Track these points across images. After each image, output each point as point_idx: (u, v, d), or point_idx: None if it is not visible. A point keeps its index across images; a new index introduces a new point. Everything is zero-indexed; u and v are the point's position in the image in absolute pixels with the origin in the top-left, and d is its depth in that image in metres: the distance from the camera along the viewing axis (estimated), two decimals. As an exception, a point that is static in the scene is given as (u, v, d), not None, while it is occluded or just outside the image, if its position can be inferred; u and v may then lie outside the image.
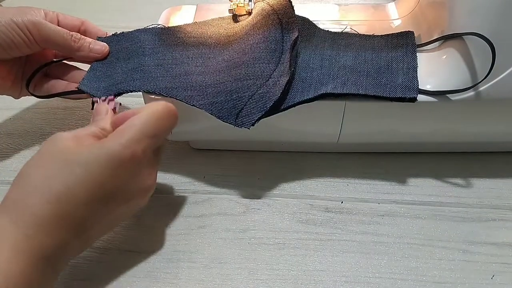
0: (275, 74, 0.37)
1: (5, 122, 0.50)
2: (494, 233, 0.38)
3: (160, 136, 0.34)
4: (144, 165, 0.33)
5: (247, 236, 0.38)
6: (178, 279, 0.35)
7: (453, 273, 0.35)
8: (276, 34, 0.39)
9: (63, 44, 0.40)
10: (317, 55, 0.40)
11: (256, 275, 0.36)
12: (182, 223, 0.39)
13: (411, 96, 0.36)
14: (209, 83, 0.38)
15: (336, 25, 0.45)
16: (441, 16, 0.39)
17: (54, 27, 0.39)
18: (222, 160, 0.45)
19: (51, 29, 0.39)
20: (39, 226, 0.28)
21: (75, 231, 0.29)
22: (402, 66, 0.38)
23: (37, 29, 0.38)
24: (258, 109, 0.36)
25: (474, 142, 0.43)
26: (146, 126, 0.32)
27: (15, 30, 0.37)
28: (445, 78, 0.37)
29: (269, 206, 0.41)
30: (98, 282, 0.35)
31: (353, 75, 0.38)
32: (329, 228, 0.39)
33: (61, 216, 0.28)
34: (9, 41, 0.38)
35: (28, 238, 0.27)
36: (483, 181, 0.42)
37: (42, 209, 0.28)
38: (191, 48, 0.42)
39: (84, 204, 0.29)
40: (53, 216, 0.28)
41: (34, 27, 0.38)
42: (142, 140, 0.31)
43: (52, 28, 0.39)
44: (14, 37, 0.38)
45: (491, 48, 0.34)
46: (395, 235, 0.38)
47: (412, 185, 0.42)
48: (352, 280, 0.35)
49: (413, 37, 0.41)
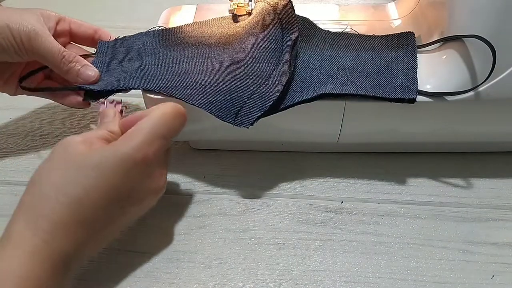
0: (274, 73, 0.37)
1: (5, 122, 0.50)
2: (494, 233, 0.38)
3: (170, 137, 0.34)
4: (155, 166, 0.33)
5: (247, 236, 0.38)
6: (178, 279, 0.35)
7: (453, 273, 0.35)
8: (276, 34, 0.39)
9: (52, 63, 0.39)
10: (317, 55, 0.40)
11: (256, 275, 0.36)
12: (182, 223, 0.39)
13: (410, 97, 0.36)
14: (208, 82, 0.38)
15: (336, 25, 0.45)
16: (441, 16, 0.39)
17: (48, 44, 0.38)
18: (222, 160, 0.45)
19: (43, 44, 0.38)
20: (56, 231, 0.28)
21: (90, 234, 0.30)
22: (402, 67, 0.38)
23: (30, 41, 0.37)
24: (257, 109, 0.36)
25: (474, 142, 0.43)
26: (156, 128, 0.32)
27: (7, 37, 0.37)
28: (445, 78, 0.37)
29: (269, 206, 0.41)
30: (98, 282, 0.35)
31: (352, 76, 0.38)
32: (329, 228, 0.39)
33: (77, 220, 0.29)
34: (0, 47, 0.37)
35: (45, 244, 0.27)
36: (483, 181, 0.42)
37: (59, 214, 0.28)
38: (191, 48, 0.42)
39: (99, 206, 0.29)
40: (70, 220, 0.28)
41: (28, 38, 0.37)
42: (153, 142, 0.32)
43: (46, 45, 0.38)
44: (5, 43, 0.37)
45: (492, 50, 0.34)
46: (395, 235, 0.38)
47: (412, 185, 0.42)
48: (352, 280, 0.35)
49: (413, 38, 0.41)
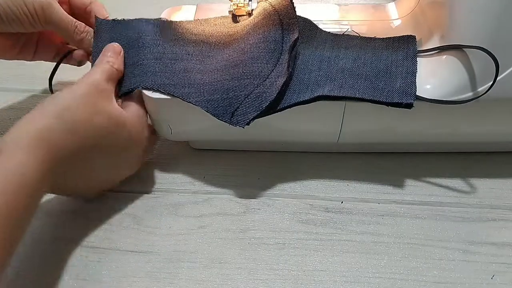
0: (272, 74, 0.37)
1: (5, 122, 0.50)
2: (494, 233, 0.38)
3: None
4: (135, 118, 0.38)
5: (247, 236, 0.38)
6: (178, 279, 0.35)
7: (453, 273, 0.35)
8: (276, 34, 0.39)
9: (66, 33, 0.41)
10: (317, 57, 0.40)
11: (256, 275, 0.36)
12: (182, 223, 0.39)
13: (408, 102, 0.35)
14: (206, 81, 0.38)
15: (336, 25, 0.45)
16: (441, 16, 0.39)
17: (61, 14, 0.40)
18: (222, 160, 0.45)
19: (58, 15, 0.39)
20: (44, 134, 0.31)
21: (76, 144, 0.33)
22: (401, 70, 0.38)
23: (44, 12, 0.39)
24: (254, 109, 0.36)
25: (474, 142, 0.43)
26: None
27: (21, 7, 0.38)
28: (445, 78, 0.37)
29: (269, 206, 0.41)
30: (98, 282, 0.35)
31: (351, 78, 0.38)
32: (329, 228, 0.39)
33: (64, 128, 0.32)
34: (14, 17, 0.38)
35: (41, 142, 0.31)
36: (483, 181, 0.42)
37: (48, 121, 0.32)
38: (192, 45, 0.42)
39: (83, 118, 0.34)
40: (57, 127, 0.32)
41: (41, 8, 0.39)
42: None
43: (59, 15, 0.40)
44: (20, 14, 0.38)
45: (495, 62, 0.33)
46: (395, 235, 0.38)
47: (412, 185, 0.42)
48: (352, 280, 0.35)
49: (414, 42, 0.40)
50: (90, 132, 0.34)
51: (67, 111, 0.32)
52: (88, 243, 0.38)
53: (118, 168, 0.39)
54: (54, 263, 0.37)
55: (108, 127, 0.35)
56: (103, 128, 0.35)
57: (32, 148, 0.29)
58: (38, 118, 0.31)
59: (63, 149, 0.32)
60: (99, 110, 0.34)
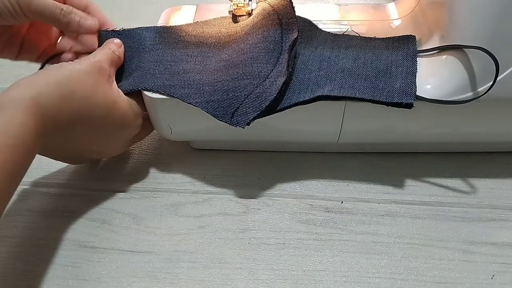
0: (272, 74, 0.37)
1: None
2: (494, 233, 0.38)
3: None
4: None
5: (247, 236, 0.38)
6: (178, 279, 0.35)
7: (453, 273, 0.35)
8: (275, 34, 0.39)
9: (52, 19, 0.39)
10: (316, 57, 0.40)
11: (256, 275, 0.36)
12: (182, 223, 0.39)
13: (408, 102, 0.35)
14: (206, 81, 0.38)
15: (336, 25, 0.45)
16: (441, 16, 0.39)
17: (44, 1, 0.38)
18: (222, 160, 0.45)
19: (38, 1, 0.38)
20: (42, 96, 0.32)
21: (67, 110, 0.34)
22: (401, 71, 0.38)
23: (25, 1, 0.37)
24: (254, 109, 0.36)
25: (474, 142, 0.43)
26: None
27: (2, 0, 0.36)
28: (445, 78, 0.37)
29: (269, 206, 0.41)
30: (98, 282, 0.35)
31: (351, 78, 0.38)
32: (329, 228, 0.39)
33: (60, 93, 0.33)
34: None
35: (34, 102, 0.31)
36: (483, 181, 0.42)
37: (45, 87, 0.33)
38: (191, 47, 0.42)
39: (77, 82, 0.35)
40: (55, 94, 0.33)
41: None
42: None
43: (41, 1, 0.38)
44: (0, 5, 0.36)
45: (495, 62, 0.33)
46: (395, 235, 0.38)
47: (412, 185, 0.42)
48: (352, 280, 0.35)
49: (414, 42, 0.40)
50: (85, 105, 0.35)
51: (68, 81, 0.34)
52: (88, 243, 0.38)
53: (104, 146, 0.40)
54: (54, 263, 0.37)
55: (103, 106, 0.36)
56: (98, 105, 0.36)
57: (31, 109, 0.31)
58: (40, 82, 0.33)
59: (57, 115, 0.33)
60: (97, 87, 0.36)
